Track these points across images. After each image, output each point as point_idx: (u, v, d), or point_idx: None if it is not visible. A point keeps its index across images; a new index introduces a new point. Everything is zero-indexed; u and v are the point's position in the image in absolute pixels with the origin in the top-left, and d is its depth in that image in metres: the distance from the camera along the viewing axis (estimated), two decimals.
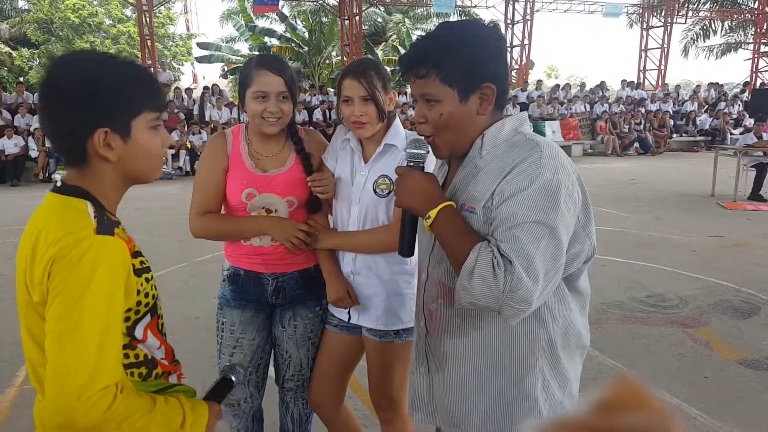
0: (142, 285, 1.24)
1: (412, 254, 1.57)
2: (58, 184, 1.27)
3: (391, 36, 28.26)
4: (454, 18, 26.50)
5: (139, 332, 1.28)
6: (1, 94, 15.25)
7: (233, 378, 1.56)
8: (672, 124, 19.53)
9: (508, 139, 1.41)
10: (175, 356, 1.45)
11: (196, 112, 15.80)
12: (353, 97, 2.01)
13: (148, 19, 18.47)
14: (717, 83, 22.91)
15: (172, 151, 14.05)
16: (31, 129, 13.66)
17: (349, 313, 2.20)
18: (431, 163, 1.69)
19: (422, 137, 1.49)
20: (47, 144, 13.19)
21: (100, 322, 1.10)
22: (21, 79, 21.33)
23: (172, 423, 1.21)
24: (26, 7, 26.84)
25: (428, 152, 1.50)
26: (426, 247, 1.56)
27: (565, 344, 1.45)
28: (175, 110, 15.35)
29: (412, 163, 1.49)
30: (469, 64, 1.37)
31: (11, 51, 24.77)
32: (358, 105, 2.01)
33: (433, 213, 1.36)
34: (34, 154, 13.37)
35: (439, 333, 1.52)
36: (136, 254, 1.24)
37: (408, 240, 1.53)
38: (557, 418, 0.39)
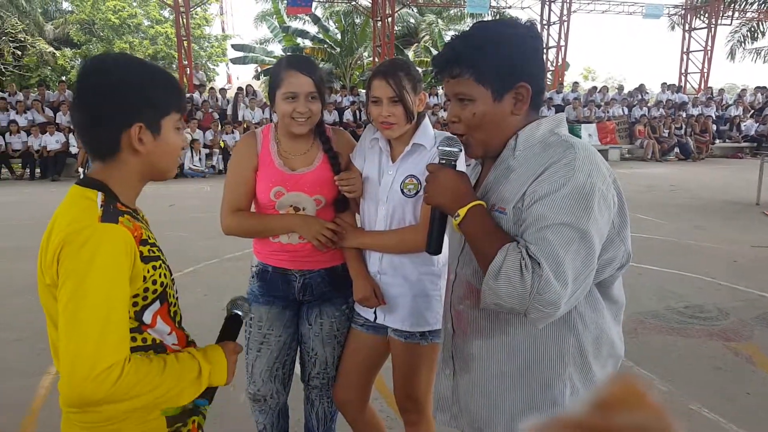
0: (148, 272, 1.29)
1: (440, 252, 1.54)
2: (81, 176, 1.37)
3: (423, 37, 28.20)
4: (488, 19, 26.24)
5: (147, 317, 1.33)
6: (44, 92, 15.80)
7: (239, 312, 1.58)
8: (715, 129, 19.01)
9: (543, 140, 1.38)
10: (189, 341, 1.48)
11: (229, 112, 15.98)
12: (381, 98, 2.00)
13: (185, 20, 18.76)
14: (764, 87, 22.12)
15: (206, 151, 14.25)
16: (72, 126, 13.97)
17: (375, 313, 2.19)
18: (462, 162, 1.65)
19: (455, 135, 1.47)
20: None
21: (102, 306, 1.17)
22: (63, 78, 21.94)
23: (187, 376, 1.29)
24: (70, 9, 27.58)
25: (461, 150, 1.48)
26: (455, 248, 1.54)
27: (597, 353, 1.42)
28: (210, 110, 15.56)
29: (444, 161, 1.47)
30: (504, 63, 1.35)
31: (55, 51, 25.48)
32: (386, 105, 2.00)
33: (462, 211, 1.35)
34: (74, 150, 13.75)
35: (465, 334, 1.50)
36: (143, 242, 1.30)
37: (436, 237, 1.51)
38: (553, 418, 0.36)
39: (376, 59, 20.92)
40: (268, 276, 2.24)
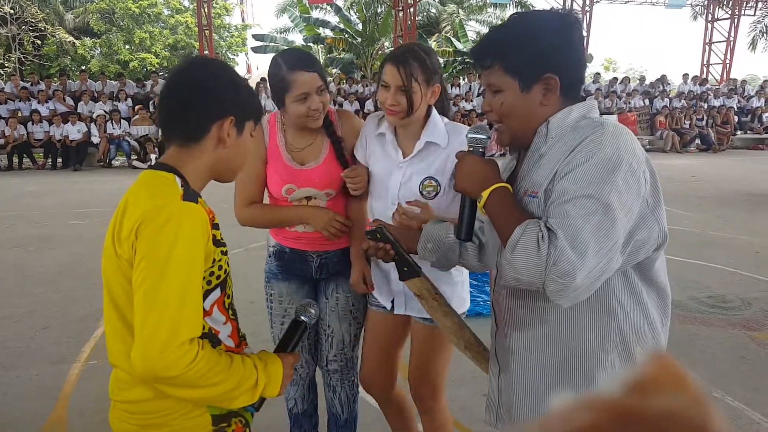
0: (218, 256, 1.34)
1: (470, 239, 1.55)
2: (152, 163, 1.37)
3: (444, 27, 28.03)
4: (510, 9, 25.97)
5: (207, 305, 1.34)
6: (66, 81, 15.88)
7: (305, 319, 1.57)
8: (736, 120, 18.75)
9: (574, 124, 1.37)
10: (241, 335, 1.50)
11: None
12: (390, 85, 1.98)
13: (206, 9, 18.79)
14: None
15: None
16: (94, 116, 14.14)
17: (393, 302, 2.20)
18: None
19: (484, 123, 1.48)
20: (108, 131, 13.69)
21: (182, 281, 1.20)
22: (83, 67, 22.07)
23: (246, 383, 1.31)
24: None
25: (489, 138, 1.50)
26: (495, 241, 1.51)
27: (640, 341, 1.38)
28: None
29: (471, 148, 1.50)
30: (531, 54, 1.35)
31: (75, 40, 25.65)
32: (392, 93, 1.97)
33: (485, 194, 1.36)
34: (95, 140, 13.84)
35: (504, 328, 1.49)
36: (215, 226, 1.35)
37: (466, 224, 1.52)
38: (584, 397, 0.34)
39: None
40: (285, 256, 2.29)
